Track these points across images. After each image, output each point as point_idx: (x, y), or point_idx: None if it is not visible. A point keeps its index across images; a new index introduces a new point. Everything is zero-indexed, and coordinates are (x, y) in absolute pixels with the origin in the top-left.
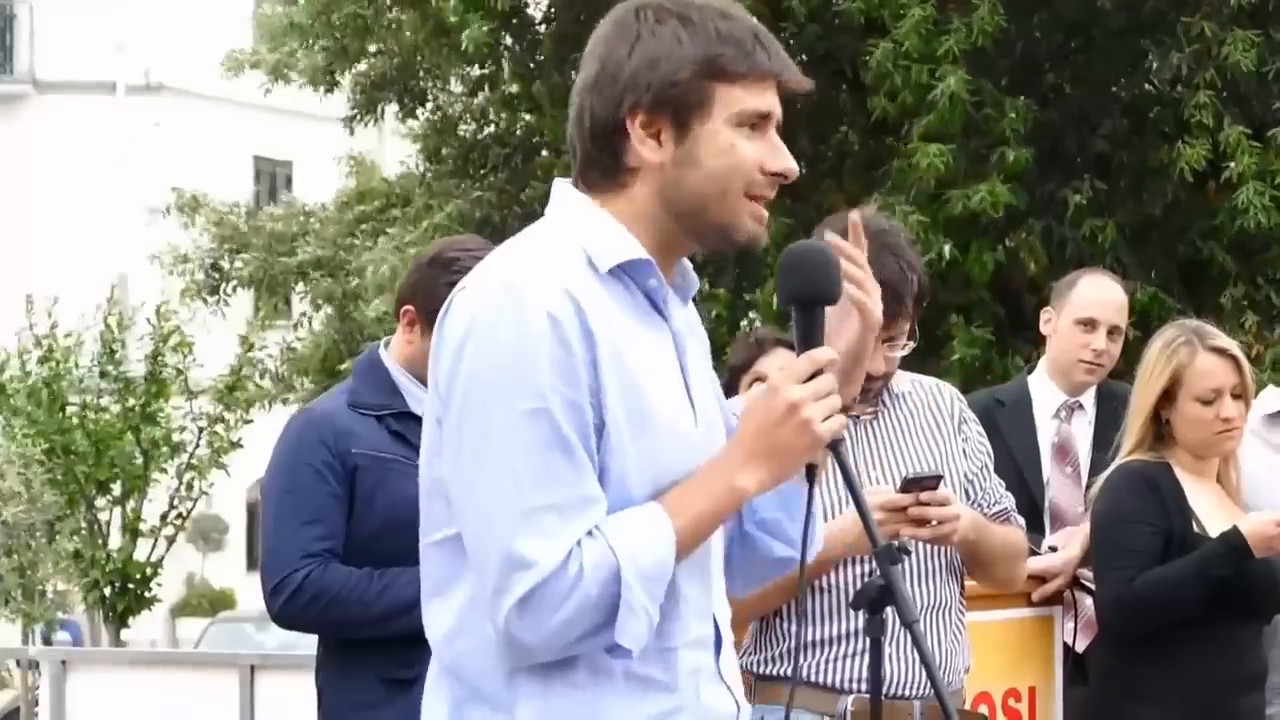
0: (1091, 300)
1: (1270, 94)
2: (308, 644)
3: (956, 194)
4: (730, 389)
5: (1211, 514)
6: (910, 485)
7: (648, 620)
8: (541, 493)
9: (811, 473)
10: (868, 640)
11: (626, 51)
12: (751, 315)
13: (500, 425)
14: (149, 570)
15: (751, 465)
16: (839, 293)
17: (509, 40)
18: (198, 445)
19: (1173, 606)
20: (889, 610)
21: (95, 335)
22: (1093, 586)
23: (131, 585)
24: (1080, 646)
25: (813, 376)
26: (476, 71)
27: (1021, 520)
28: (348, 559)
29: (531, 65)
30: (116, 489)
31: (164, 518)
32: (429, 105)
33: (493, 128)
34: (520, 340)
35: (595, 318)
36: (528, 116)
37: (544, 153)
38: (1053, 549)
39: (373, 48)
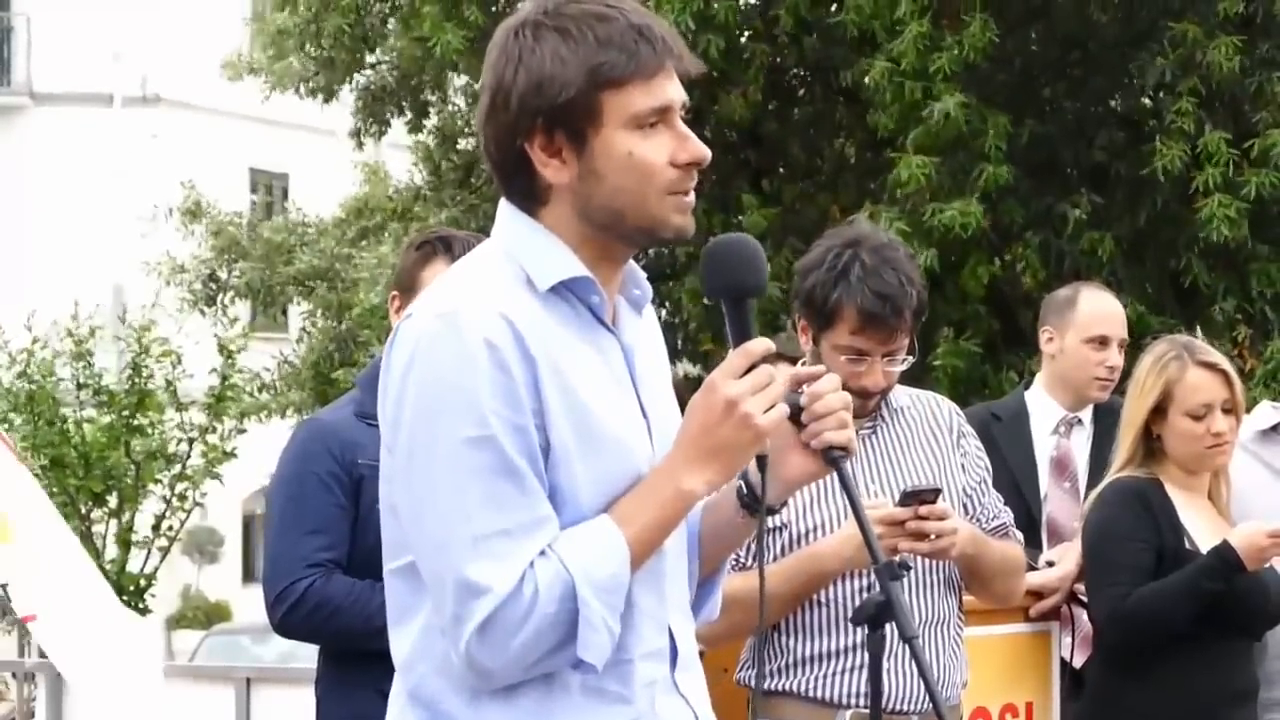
0: (1100, 317)
1: (1252, 102)
2: (305, 656)
3: (932, 207)
4: None
5: (1203, 530)
6: (908, 499)
7: (609, 633)
8: (491, 518)
9: (762, 463)
10: (865, 655)
11: (512, 76)
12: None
13: (446, 454)
14: (143, 582)
15: (697, 466)
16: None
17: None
18: (188, 456)
19: (1167, 621)
20: (889, 626)
21: (67, 348)
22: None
23: (125, 597)
24: (1078, 662)
25: (750, 370)
26: (472, 83)
27: (1020, 535)
28: (351, 570)
29: None
30: (112, 501)
31: (156, 528)
32: (431, 119)
33: None
34: (459, 368)
35: (534, 340)
36: None
37: None
38: (1050, 564)
39: (370, 59)
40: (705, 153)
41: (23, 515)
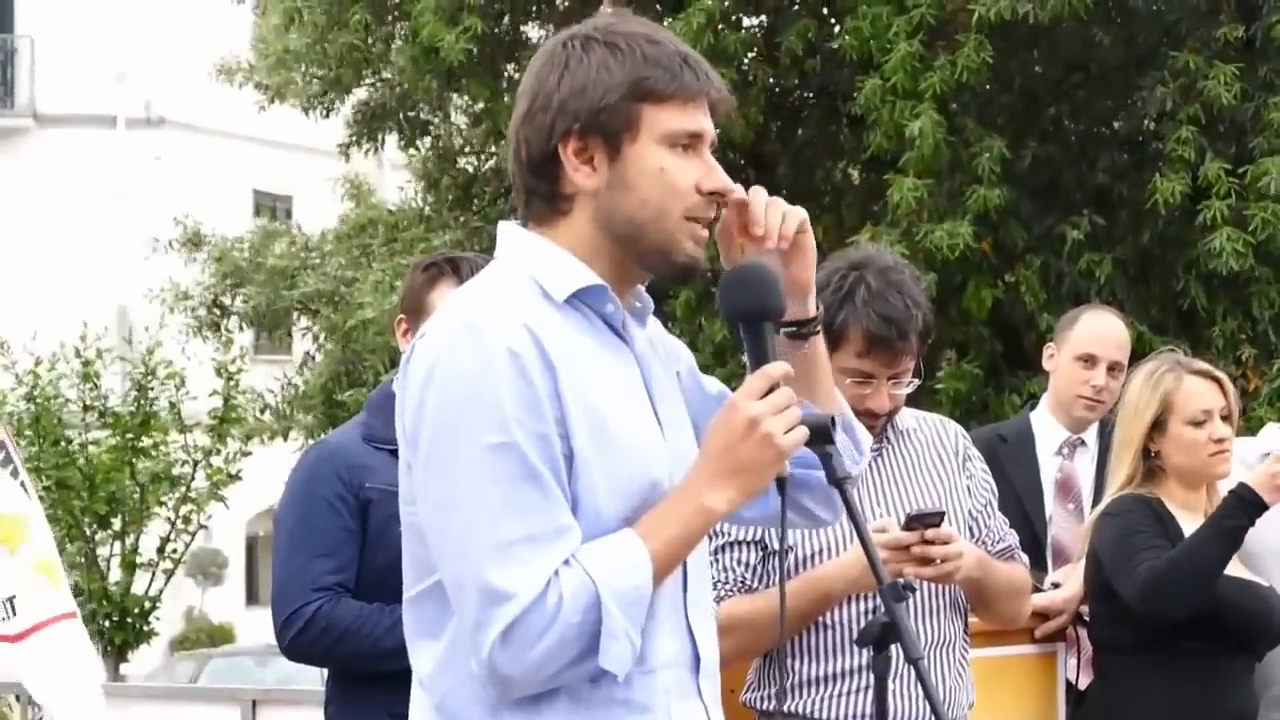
0: (1090, 336)
1: (1251, 130)
2: (308, 679)
3: (925, 228)
4: None
5: None
6: (913, 522)
7: (630, 644)
8: (515, 524)
9: (782, 485)
10: (870, 677)
11: (556, 81)
12: None
13: (469, 460)
14: (147, 604)
15: (719, 484)
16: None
17: (510, 70)
18: (193, 478)
19: (1201, 571)
20: (894, 647)
21: (74, 370)
22: None
23: (130, 619)
24: (1083, 683)
25: (769, 391)
26: (472, 103)
27: (1025, 558)
28: (359, 594)
29: None
30: (117, 523)
31: (161, 550)
32: (430, 137)
33: (494, 160)
34: (482, 376)
35: (554, 349)
36: None
37: None
38: (1056, 586)
39: (370, 78)
40: (731, 185)
41: (39, 524)
